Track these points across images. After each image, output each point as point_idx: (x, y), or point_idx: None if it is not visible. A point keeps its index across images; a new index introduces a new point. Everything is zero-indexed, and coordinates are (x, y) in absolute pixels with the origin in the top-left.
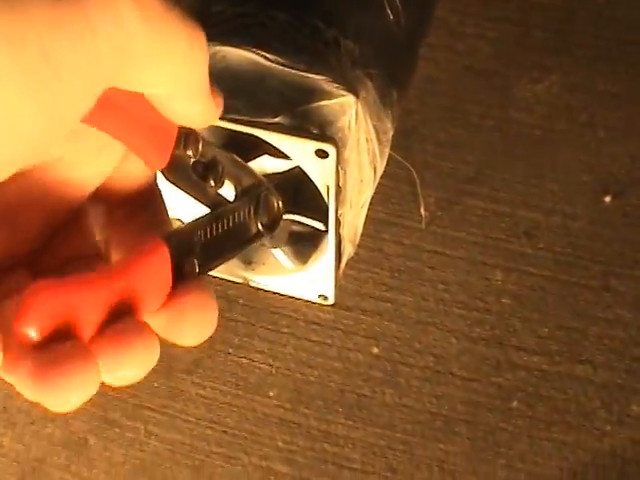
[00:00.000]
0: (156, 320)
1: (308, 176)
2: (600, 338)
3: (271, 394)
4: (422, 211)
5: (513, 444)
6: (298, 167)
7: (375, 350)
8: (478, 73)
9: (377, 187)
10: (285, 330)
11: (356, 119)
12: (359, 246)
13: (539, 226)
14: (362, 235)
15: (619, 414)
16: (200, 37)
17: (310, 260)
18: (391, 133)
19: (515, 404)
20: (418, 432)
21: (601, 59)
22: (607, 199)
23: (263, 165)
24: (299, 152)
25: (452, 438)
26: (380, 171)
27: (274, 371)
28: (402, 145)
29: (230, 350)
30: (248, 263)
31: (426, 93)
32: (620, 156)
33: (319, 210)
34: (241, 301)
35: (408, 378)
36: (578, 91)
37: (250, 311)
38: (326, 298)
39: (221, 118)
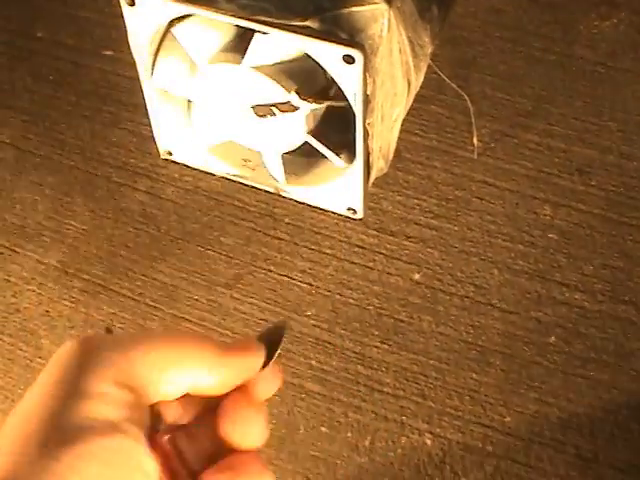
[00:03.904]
0: None
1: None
2: None
3: (309, 313)
4: (475, 141)
5: (547, 379)
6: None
7: (416, 276)
8: (544, 7)
9: (431, 115)
10: (328, 251)
11: (388, 28)
12: (408, 172)
13: (593, 163)
14: (412, 162)
15: None
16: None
17: (341, 171)
18: (430, 48)
19: (553, 339)
20: (452, 360)
21: None
22: None
23: (264, 51)
24: (326, 57)
25: (486, 369)
26: (415, 85)
27: (314, 291)
28: (460, 75)
29: (272, 267)
30: None
31: (489, 24)
32: None
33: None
34: (287, 220)
35: (447, 306)
36: None
37: (295, 230)
38: (355, 212)
39: (251, 20)
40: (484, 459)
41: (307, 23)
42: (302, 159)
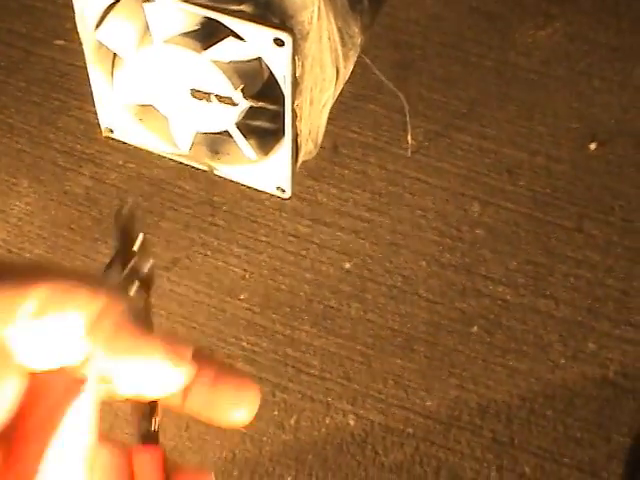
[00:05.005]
0: None
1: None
2: (567, 276)
3: (242, 297)
4: (409, 139)
5: (468, 367)
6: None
7: (347, 265)
8: (483, 15)
9: (369, 113)
10: (263, 239)
11: (318, 16)
12: (344, 167)
13: (522, 165)
14: (349, 157)
15: (575, 349)
16: None
17: (270, 153)
18: (359, 39)
19: (475, 329)
20: (378, 346)
21: (607, 11)
22: (592, 146)
23: (228, 50)
24: (258, 40)
25: (410, 355)
26: (344, 74)
27: (247, 276)
28: (399, 76)
29: (208, 252)
30: (215, 152)
31: (430, 30)
32: (611, 106)
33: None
34: (224, 208)
35: (375, 295)
36: (579, 40)
37: (232, 218)
38: (283, 191)
39: (189, 2)
40: (404, 440)
41: (242, 7)
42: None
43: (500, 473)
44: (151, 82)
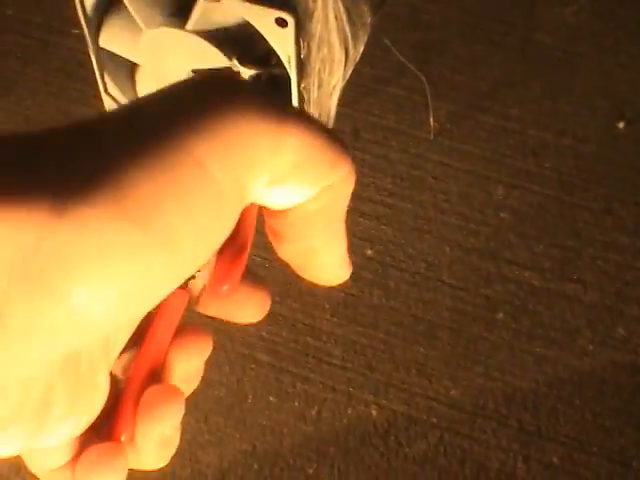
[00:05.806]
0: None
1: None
2: (594, 259)
3: None
4: (431, 121)
5: (493, 354)
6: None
7: (369, 252)
8: None
9: (390, 96)
10: None
11: None
12: (365, 151)
13: (547, 146)
14: (370, 141)
15: (603, 335)
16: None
17: None
18: (369, 18)
19: (500, 316)
20: (400, 334)
21: None
22: (620, 125)
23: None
24: (261, 20)
25: (433, 343)
26: (353, 54)
27: (267, 264)
28: (421, 58)
29: None
30: None
31: (451, 9)
32: (639, 84)
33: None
34: None
35: (397, 282)
36: (606, 17)
37: None
38: None
39: None
40: (428, 430)
41: None
42: None
43: (527, 463)
44: (154, 69)
